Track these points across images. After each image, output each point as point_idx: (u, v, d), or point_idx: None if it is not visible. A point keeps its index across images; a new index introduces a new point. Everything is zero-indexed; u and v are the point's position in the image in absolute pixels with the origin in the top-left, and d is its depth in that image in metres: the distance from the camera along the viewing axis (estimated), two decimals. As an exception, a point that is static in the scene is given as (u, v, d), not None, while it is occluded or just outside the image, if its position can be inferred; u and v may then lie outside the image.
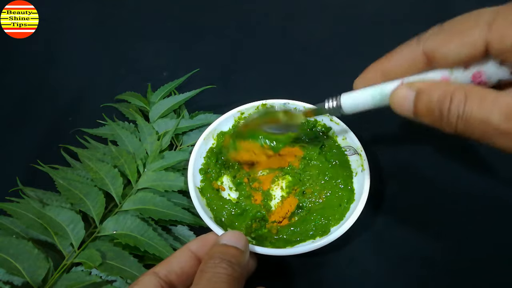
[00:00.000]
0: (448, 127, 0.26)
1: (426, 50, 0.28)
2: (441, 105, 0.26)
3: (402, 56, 0.30)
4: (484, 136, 0.24)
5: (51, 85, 0.57)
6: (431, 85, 0.27)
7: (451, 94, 0.25)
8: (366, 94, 0.31)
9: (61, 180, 0.41)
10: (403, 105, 0.28)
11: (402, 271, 0.38)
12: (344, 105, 0.33)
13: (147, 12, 0.67)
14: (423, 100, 0.27)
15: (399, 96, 0.28)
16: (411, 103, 0.28)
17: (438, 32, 0.28)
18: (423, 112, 0.27)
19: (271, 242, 0.38)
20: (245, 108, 0.46)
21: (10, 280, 0.35)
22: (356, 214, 0.36)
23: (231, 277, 0.28)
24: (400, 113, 0.29)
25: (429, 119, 0.27)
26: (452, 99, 0.25)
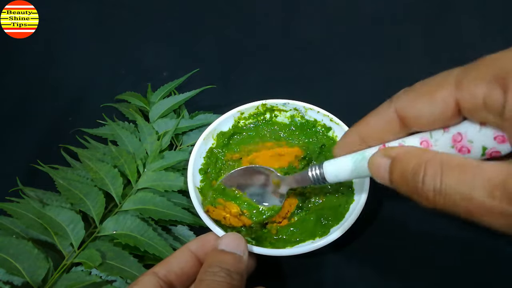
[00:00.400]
0: (426, 202, 0.23)
1: (397, 110, 0.26)
2: (415, 176, 0.23)
3: (377, 119, 0.28)
4: (469, 215, 0.21)
5: (51, 85, 0.57)
6: (406, 152, 0.25)
7: (425, 164, 0.22)
8: (347, 161, 0.30)
9: (61, 180, 0.41)
10: (379, 173, 0.26)
11: (402, 271, 0.38)
12: (327, 172, 0.32)
13: (147, 12, 0.67)
14: (397, 169, 0.24)
15: (375, 163, 0.26)
16: (386, 171, 0.25)
17: (408, 92, 0.26)
18: (398, 183, 0.24)
19: (270, 243, 0.38)
20: (245, 108, 0.46)
21: (10, 280, 0.35)
22: (356, 214, 0.36)
23: (230, 285, 0.29)
24: (378, 180, 0.27)
25: (405, 190, 0.24)
26: (426, 170, 0.22)
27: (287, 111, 0.47)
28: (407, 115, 0.26)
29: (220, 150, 0.45)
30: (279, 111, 0.47)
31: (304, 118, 0.46)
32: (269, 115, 0.47)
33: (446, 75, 0.24)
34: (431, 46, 0.58)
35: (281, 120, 0.47)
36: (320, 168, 0.32)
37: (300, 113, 0.46)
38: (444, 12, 0.63)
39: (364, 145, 0.29)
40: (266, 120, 0.47)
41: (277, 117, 0.47)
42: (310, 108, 0.45)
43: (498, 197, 0.19)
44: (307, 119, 0.46)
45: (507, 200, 0.19)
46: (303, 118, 0.46)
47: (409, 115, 0.26)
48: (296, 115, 0.46)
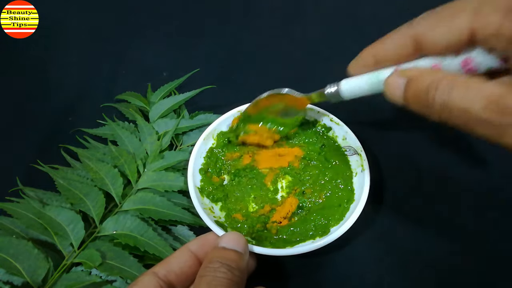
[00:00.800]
0: (433, 115, 0.26)
1: (415, 34, 0.28)
2: (428, 93, 0.26)
3: (393, 41, 0.30)
4: (466, 125, 0.25)
5: (51, 85, 0.57)
6: (421, 73, 0.27)
7: (437, 83, 0.26)
8: (363, 80, 0.32)
9: (61, 180, 0.41)
10: (394, 92, 0.29)
11: (402, 271, 0.38)
12: (343, 90, 0.34)
13: (147, 12, 0.67)
14: (412, 88, 0.27)
15: (391, 83, 0.29)
16: (402, 90, 0.28)
17: (428, 16, 0.28)
18: (411, 99, 0.27)
19: (270, 242, 0.38)
20: (245, 108, 0.46)
21: (10, 280, 0.35)
22: (356, 214, 0.36)
23: (231, 281, 0.28)
24: (392, 99, 0.29)
25: (417, 106, 0.27)
26: (438, 87, 0.25)
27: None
28: (424, 40, 0.28)
29: (220, 150, 0.45)
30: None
31: (304, 118, 0.46)
32: None
33: (466, 2, 0.26)
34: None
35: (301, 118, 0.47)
36: (337, 85, 0.35)
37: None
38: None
39: (377, 66, 0.31)
40: None
41: None
42: (310, 108, 0.45)
43: (491, 110, 0.23)
44: (307, 119, 0.46)
45: (497, 113, 0.23)
46: (303, 118, 0.46)
47: (426, 41, 0.28)
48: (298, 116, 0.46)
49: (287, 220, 0.40)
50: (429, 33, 0.27)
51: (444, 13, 0.27)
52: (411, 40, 0.28)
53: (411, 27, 0.29)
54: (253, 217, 0.40)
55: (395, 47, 0.30)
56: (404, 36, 0.29)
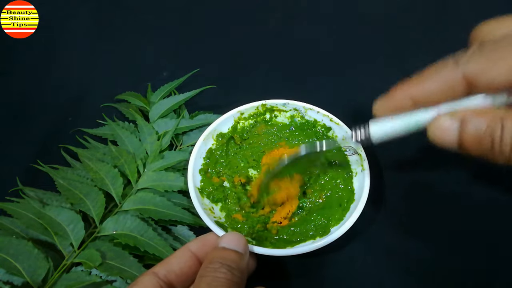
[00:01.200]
0: (502, 158, 0.24)
1: (468, 74, 0.25)
2: (492, 134, 0.23)
3: (438, 80, 0.27)
4: None
5: (51, 85, 0.57)
6: (477, 113, 0.25)
7: (501, 121, 0.23)
8: (398, 124, 0.29)
9: (61, 180, 0.41)
10: (445, 137, 0.26)
11: (402, 271, 0.38)
12: (374, 136, 0.31)
13: (147, 12, 0.67)
14: (470, 130, 0.25)
15: (441, 128, 0.26)
16: (455, 134, 0.25)
17: (481, 53, 0.25)
18: (470, 144, 0.25)
19: (271, 243, 0.38)
20: (245, 108, 0.46)
21: (10, 280, 0.35)
22: (356, 214, 0.36)
23: (231, 281, 0.28)
24: (441, 145, 0.27)
25: (477, 150, 0.25)
26: (504, 126, 0.23)
27: (287, 111, 0.47)
28: (479, 80, 0.25)
29: (220, 152, 0.45)
30: (279, 111, 0.47)
31: (304, 118, 0.46)
32: (269, 116, 0.47)
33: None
34: (431, 45, 0.58)
35: (281, 120, 0.47)
36: (366, 129, 0.32)
37: (300, 113, 0.46)
38: (445, 11, 0.63)
39: (415, 108, 0.28)
40: (266, 120, 0.47)
41: (277, 118, 0.47)
42: (310, 108, 0.45)
43: None
44: (307, 119, 0.46)
45: None
46: (303, 118, 0.46)
47: (481, 80, 0.25)
48: (296, 115, 0.46)
49: (287, 220, 0.40)
50: (486, 72, 0.25)
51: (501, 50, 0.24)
52: (462, 79, 0.26)
53: (461, 64, 0.26)
54: (253, 218, 0.40)
55: (442, 88, 0.27)
56: (453, 75, 0.26)
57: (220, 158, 0.45)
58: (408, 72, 0.30)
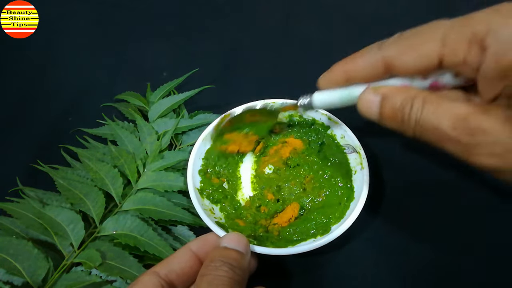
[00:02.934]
0: (408, 132, 0.28)
1: (385, 58, 0.29)
2: (403, 110, 0.27)
3: (364, 61, 0.31)
4: (437, 142, 0.26)
5: (51, 85, 0.57)
6: (395, 90, 0.29)
7: (411, 100, 0.27)
8: (335, 95, 0.34)
9: (61, 180, 0.41)
10: (370, 109, 0.30)
11: (402, 271, 0.38)
12: (315, 101, 0.36)
13: (147, 12, 0.67)
14: (388, 105, 0.28)
15: (366, 100, 0.30)
16: (377, 107, 0.29)
17: (397, 41, 0.29)
18: (387, 116, 0.29)
19: (272, 242, 0.38)
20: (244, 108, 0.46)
21: (10, 280, 0.35)
22: (357, 212, 0.36)
23: (232, 280, 0.28)
24: (367, 116, 0.30)
25: (392, 123, 0.29)
26: (413, 105, 0.27)
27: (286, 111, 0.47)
28: (395, 64, 0.29)
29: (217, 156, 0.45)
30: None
31: (302, 117, 0.46)
32: None
33: (434, 29, 0.28)
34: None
35: (279, 120, 0.47)
36: (309, 97, 0.37)
37: (298, 112, 0.46)
38: (445, 11, 0.63)
39: (348, 82, 0.32)
40: None
41: None
42: (309, 107, 0.45)
43: (458, 129, 0.25)
44: (305, 118, 0.46)
45: (465, 133, 0.24)
46: (301, 118, 0.46)
47: (396, 64, 0.29)
48: (294, 114, 0.46)
49: (288, 221, 0.40)
50: (399, 57, 0.29)
51: (414, 40, 0.28)
52: (382, 61, 0.30)
53: (382, 49, 0.30)
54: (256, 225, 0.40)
55: (366, 67, 0.31)
56: (375, 57, 0.30)
57: (219, 160, 0.45)
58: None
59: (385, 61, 0.29)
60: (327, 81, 0.34)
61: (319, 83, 0.35)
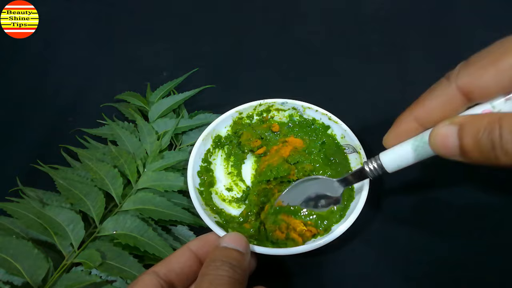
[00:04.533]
0: (504, 157, 0.23)
1: (461, 86, 0.26)
2: (491, 134, 0.23)
3: (436, 99, 0.28)
4: None
5: (51, 85, 0.57)
6: (474, 117, 0.25)
7: (499, 121, 0.23)
8: (407, 148, 0.30)
9: (61, 180, 0.41)
10: (446, 144, 0.26)
11: (402, 271, 0.38)
12: (386, 163, 0.32)
13: (146, 12, 0.67)
14: (468, 133, 0.24)
15: (440, 135, 0.26)
16: (455, 139, 0.25)
17: (467, 66, 0.27)
18: (471, 147, 0.24)
19: (272, 242, 0.38)
20: (243, 108, 0.46)
21: (10, 280, 0.35)
22: (357, 212, 0.36)
23: (233, 279, 0.28)
24: (444, 154, 0.26)
25: (479, 153, 0.24)
26: (502, 125, 0.23)
27: (286, 110, 0.47)
28: (473, 89, 0.26)
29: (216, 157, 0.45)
30: (277, 111, 0.47)
31: (302, 117, 0.46)
32: (267, 115, 0.47)
33: (506, 43, 0.25)
34: (431, 45, 0.58)
35: (279, 120, 0.47)
36: (376, 160, 0.33)
37: (298, 112, 0.46)
38: (444, 11, 0.63)
39: (421, 129, 0.29)
40: (264, 119, 0.47)
41: (274, 117, 0.47)
42: (308, 107, 0.45)
43: None
44: (306, 118, 0.46)
45: None
46: (302, 117, 0.46)
47: (475, 89, 0.26)
48: (294, 114, 0.46)
49: None
50: (478, 79, 0.26)
51: (487, 58, 0.26)
52: (457, 92, 0.27)
53: (453, 79, 0.27)
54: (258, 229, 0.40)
55: (441, 104, 0.28)
56: (448, 90, 0.27)
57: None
58: (407, 71, 0.31)
59: (462, 90, 0.26)
60: (395, 136, 0.31)
61: (385, 141, 0.32)
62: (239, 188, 0.44)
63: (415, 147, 0.29)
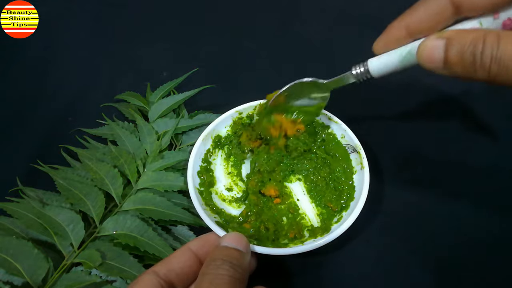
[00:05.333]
0: (482, 72, 0.24)
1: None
2: (474, 49, 0.24)
3: (428, 8, 0.29)
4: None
5: (51, 85, 0.57)
6: (461, 32, 0.26)
7: (483, 37, 0.24)
8: (394, 56, 0.30)
9: (61, 180, 0.41)
10: (432, 56, 0.26)
11: (402, 271, 0.38)
12: (372, 68, 0.32)
13: (147, 12, 0.67)
14: (455, 47, 0.25)
15: (428, 47, 0.27)
16: (441, 52, 0.26)
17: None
18: (454, 60, 0.25)
19: (271, 242, 0.38)
20: (243, 108, 0.46)
21: (10, 280, 0.35)
22: (356, 212, 0.36)
23: (233, 278, 0.28)
24: (429, 66, 0.27)
25: (461, 66, 0.25)
26: (485, 41, 0.24)
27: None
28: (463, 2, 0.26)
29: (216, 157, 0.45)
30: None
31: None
32: None
33: None
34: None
35: None
36: (364, 65, 0.33)
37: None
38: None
39: (411, 38, 0.29)
40: None
41: None
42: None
43: None
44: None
45: None
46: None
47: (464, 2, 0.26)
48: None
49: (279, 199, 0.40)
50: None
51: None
52: (449, 3, 0.27)
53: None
54: None
55: (432, 13, 0.28)
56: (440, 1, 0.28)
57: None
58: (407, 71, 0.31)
59: (453, 2, 0.27)
60: (384, 43, 0.31)
61: (375, 47, 0.32)
62: (239, 188, 0.44)
63: (401, 58, 0.30)
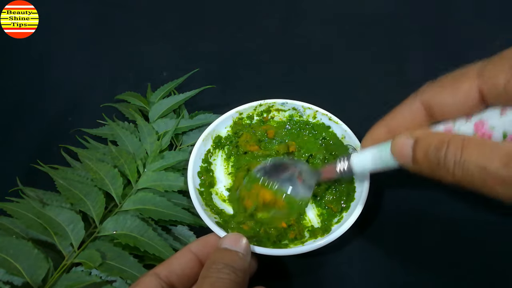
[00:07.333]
0: (446, 174, 0.26)
1: (423, 102, 0.29)
2: (438, 152, 0.26)
3: (404, 112, 0.31)
4: (483, 185, 0.24)
5: (51, 85, 0.57)
6: (429, 133, 0.28)
7: (448, 141, 0.25)
8: (373, 151, 0.32)
9: (61, 180, 0.41)
10: (402, 152, 0.28)
11: (402, 271, 0.38)
12: (354, 164, 0.34)
13: (147, 12, 0.67)
14: (421, 146, 0.27)
15: (399, 144, 0.29)
16: (409, 150, 0.28)
17: (432, 84, 0.29)
18: (421, 160, 0.27)
19: (272, 242, 0.38)
20: (243, 108, 0.46)
21: (10, 280, 0.35)
22: (357, 213, 0.36)
23: (234, 282, 0.29)
24: (400, 161, 0.29)
25: (427, 167, 0.27)
26: (449, 145, 0.25)
27: (286, 111, 0.47)
28: (433, 105, 0.28)
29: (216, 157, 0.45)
30: (277, 111, 0.47)
31: (301, 117, 0.46)
32: (267, 115, 0.47)
33: (468, 68, 0.27)
34: (430, 45, 0.58)
35: (278, 120, 0.47)
36: (347, 160, 0.34)
37: (298, 113, 0.46)
38: (444, 12, 0.63)
39: (390, 136, 0.31)
40: (264, 119, 0.47)
41: (275, 117, 0.47)
42: (309, 107, 0.45)
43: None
44: (304, 118, 0.46)
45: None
46: (301, 117, 0.46)
47: (434, 106, 0.28)
48: (294, 115, 0.46)
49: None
50: (436, 97, 0.28)
51: (449, 79, 0.28)
52: (421, 107, 0.29)
53: (418, 95, 0.29)
54: None
55: (407, 117, 0.30)
56: (414, 105, 0.30)
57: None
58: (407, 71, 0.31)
59: (424, 105, 0.29)
60: (369, 140, 0.33)
61: (362, 144, 0.34)
62: None
63: (379, 151, 0.31)
